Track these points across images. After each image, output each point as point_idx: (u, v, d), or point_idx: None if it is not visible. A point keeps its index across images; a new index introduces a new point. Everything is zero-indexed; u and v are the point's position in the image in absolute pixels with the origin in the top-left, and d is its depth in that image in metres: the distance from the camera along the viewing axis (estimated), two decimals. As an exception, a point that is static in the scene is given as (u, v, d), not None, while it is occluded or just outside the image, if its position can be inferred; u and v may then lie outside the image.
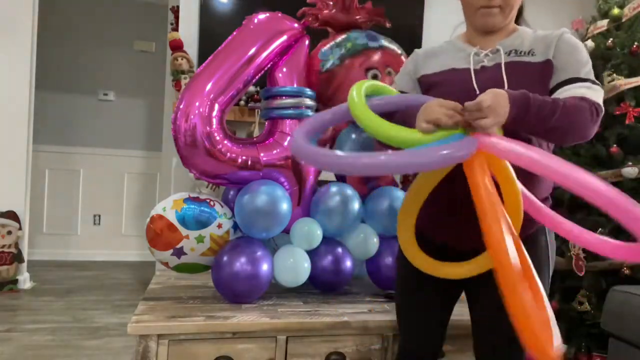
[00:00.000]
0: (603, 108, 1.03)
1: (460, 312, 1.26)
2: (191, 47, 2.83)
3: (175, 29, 2.99)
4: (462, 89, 1.08)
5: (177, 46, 2.78)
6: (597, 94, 1.02)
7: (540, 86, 1.05)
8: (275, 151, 1.59)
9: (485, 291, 1.12)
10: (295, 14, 1.75)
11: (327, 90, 1.70)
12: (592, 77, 1.06)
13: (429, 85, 1.17)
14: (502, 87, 1.02)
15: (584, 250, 2.00)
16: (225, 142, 1.51)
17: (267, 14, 1.63)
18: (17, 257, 3.16)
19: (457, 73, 1.12)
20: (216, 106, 1.49)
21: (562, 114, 0.95)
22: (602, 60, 2.20)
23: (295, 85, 1.64)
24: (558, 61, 1.06)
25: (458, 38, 1.21)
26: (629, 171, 1.98)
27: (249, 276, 1.48)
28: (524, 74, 1.05)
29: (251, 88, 2.64)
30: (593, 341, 2.00)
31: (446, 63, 1.15)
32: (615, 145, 2.05)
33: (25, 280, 3.25)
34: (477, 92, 1.06)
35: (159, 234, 1.48)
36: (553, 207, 1.04)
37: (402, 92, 1.20)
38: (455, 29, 1.26)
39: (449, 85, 1.11)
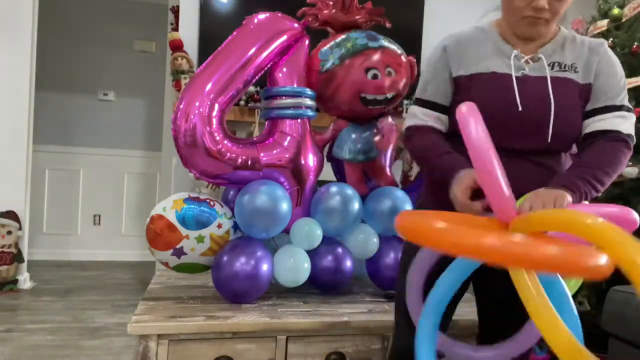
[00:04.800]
0: (634, 135, 1.05)
1: (460, 312, 1.26)
2: (191, 47, 2.83)
3: (175, 29, 2.99)
4: (503, 99, 1.03)
5: (177, 46, 2.78)
6: (629, 122, 1.05)
7: (581, 104, 1.06)
8: (275, 151, 1.58)
9: (494, 285, 1.11)
10: (295, 14, 1.75)
11: (327, 90, 1.70)
12: (627, 102, 1.07)
13: (466, 87, 1.08)
14: (548, 103, 1.01)
15: (584, 250, 2.00)
16: (225, 142, 1.51)
17: (267, 14, 1.63)
18: (17, 257, 3.16)
19: (497, 79, 1.05)
20: (216, 106, 1.49)
21: (608, 176, 0.99)
22: (602, 60, 2.20)
23: (295, 85, 1.64)
24: (598, 83, 1.06)
25: (493, 29, 1.11)
26: (629, 171, 1.98)
27: (249, 276, 1.48)
28: (567, 92, 1.04)
29: (251, 88, 2.64)
30: (593, 341, 2.00)
31: (485, 63, 1.07)
32: (615, 145, 2.05)
33: (25, 280, 3.25)
34: (520, 108, 1.02)
35: (159, 234, 1.48)
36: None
37: (430, 102, 1.13)
38: (481, 17, 1.17)
39: (489, 93, 1.05)
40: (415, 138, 1.15)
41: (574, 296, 2.04)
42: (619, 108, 1.04)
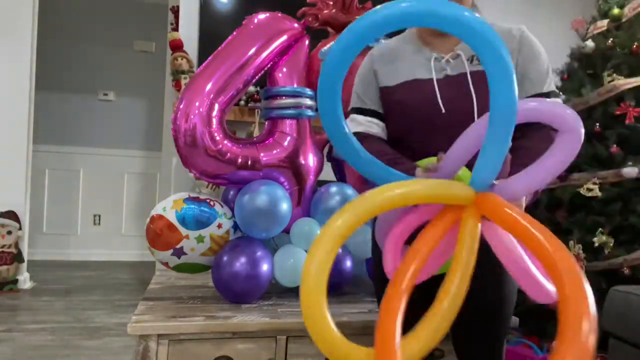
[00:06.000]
0: None
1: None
2: (191, 47, 2.83)
3: (175, 29, 2.99)
4: (426, 105, 1.04)
5: (177, 46, 2.78)
6: None
7: None
8: (275, 151, 1.58)
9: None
10: (295, 14, 1.75)
11: (327, 90, 1.70)
12: (553, 86, 1.05)
13: (392, 101, 1.10)
14: (470, 100, 1.01)
15: (584, 250, 2.00)
16: (225, 142, 1.51)
17: (267, 14, 1.63)
18: (17, 257, 3.16)
19: (420, 85, 1.06)
20: (216, 106, 1.49)
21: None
22: (602, 60, 2.20)
23: (295, 85, 1.64)
24: (522, 68, 1.03)
25: (413, 34, 1.14)
26: (629, 171, 1.98)
27: (249, 276, 1.48)
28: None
29: (251, 88, 2.64)
30: (593, 341, 2.00)
31: (407, 71, 1.09)
32: (615, 145, 2.05)
33: (25, 280, 3.25)
34: (443, 110, 1.02)
35: (159, 234, 1.48)
36: (553, 208, 1.04)
37: (370, 110, 1.13)
38: None
39: (412, 101, 1.06)
40: (363, 145, 1.12)
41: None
42: (547, 95, 1.03)
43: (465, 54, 1.05)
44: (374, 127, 1.14)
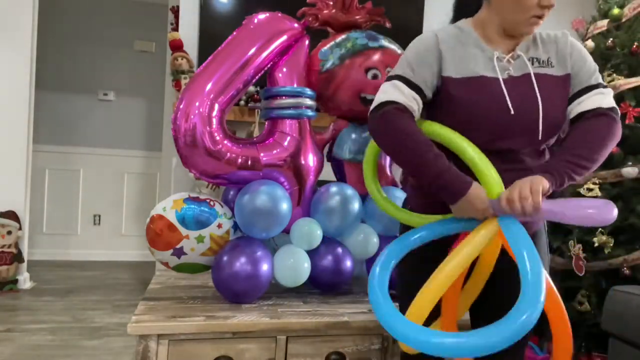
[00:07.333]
0: (616, 106, 1.07)
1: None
2: (191, 47, 2.83)
3: (175, 29, 2.99)
4: (495, 106, 1.03)
5: (177, 46, 2.79)
6: (608, 97, 1.07)
7: (563, 97, 1.08)
8: (275, 151, 1.58)
9: (491, 285, 1.11)
10: (295, 14, 1.75)
11: (327, 90, 1.70)
12: (600, 80, 1.09)
13: (455, 95, 1.06)
14: (536, 102, 1.03)
15: (584, 250, 2.00)
16: (225, 142, 1.51)
17: (267, 14, 1.62)
18: (17, 257, 3.16)
19: (486, 84, 1.05)
20: (216, 106, 1.49)
21: (592, 150, 1.01)
22: (602, 60, 2.20)
23: (295, 85, 1.64)
24: (574, 72, 1.09)
25: (472, 30, 1.11)
26: (629, 171, 1.98)
27: (249, 276, 1.48)
28: (550, 87, 1.06)
29: (251, 88, 2.64)
30: (593, 341, 2.00)
31: (471, 65, 1.06)
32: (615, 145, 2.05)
33: (25, 280, 3.25)
34: (512, 112, 1.02)
35: (159, 234, 1.48)
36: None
37: (416, 86, 1.07)
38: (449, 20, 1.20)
39: (481, 101, 1.04)
40: (401, 118, 1.05)
41: (574, 296, 2.04)
42: (595, 87, 1.07)
43: (525, 54, 1.08)
44: (414, 104, 1.08)
